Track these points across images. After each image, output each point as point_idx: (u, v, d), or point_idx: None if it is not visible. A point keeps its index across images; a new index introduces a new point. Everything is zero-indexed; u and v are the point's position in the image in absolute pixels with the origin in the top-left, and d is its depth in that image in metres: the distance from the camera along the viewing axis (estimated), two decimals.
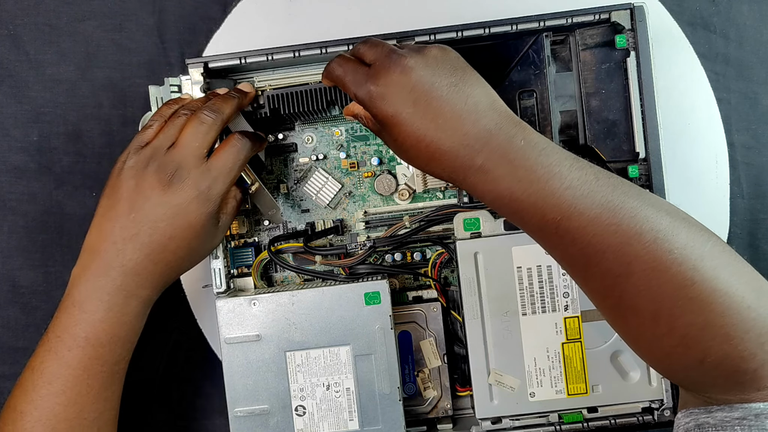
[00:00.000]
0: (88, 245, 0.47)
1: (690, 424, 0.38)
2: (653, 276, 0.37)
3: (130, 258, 0.45)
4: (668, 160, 0.51)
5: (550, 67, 0.51)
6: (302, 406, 0.51)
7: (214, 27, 0.60)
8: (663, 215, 0.38)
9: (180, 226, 0.46)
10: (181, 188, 0.45)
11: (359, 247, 0.54)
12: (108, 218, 0.46)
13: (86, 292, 0.46)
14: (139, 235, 0.45)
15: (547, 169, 0.39)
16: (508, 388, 0.51)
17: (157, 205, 0.45)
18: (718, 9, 0.59)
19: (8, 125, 0.60)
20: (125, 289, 0.46)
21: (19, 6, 0.60)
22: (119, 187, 0.46)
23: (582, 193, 0.39)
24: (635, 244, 0.37)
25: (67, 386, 0.45)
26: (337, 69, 0.45)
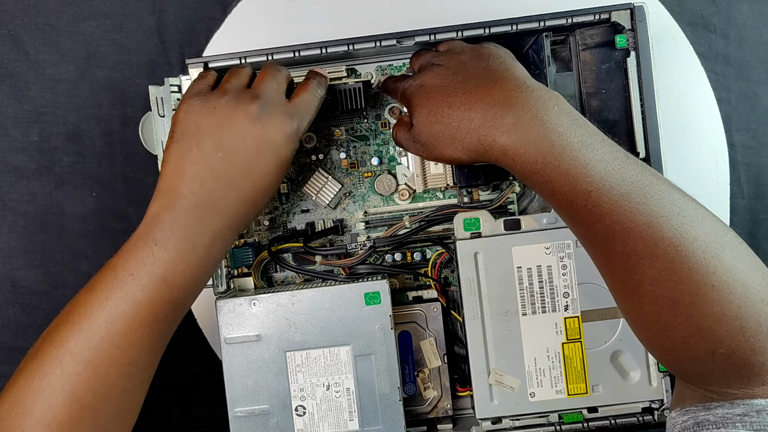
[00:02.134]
0: (168, 188, 0.44)
1: (688, 422, 0.37)
2: (677, 261, 0.37)
3: (219, 197, 0.43)
4: (668, 160, 0.51)
5: (550, 67, 0.51)
6: (302, 406, 0.51)
7: (214, 27, 0.60)
8: (688, 202, 0.39)
9: (272, 162, 0.45)
10: (271, 122, 0.45)
11: (359, 247, 0.54)
12: (190, 160, 0.44)
13: (170, 231, 0.43)
14: (231, 174, 0.44)
15: (580, 139, 0.40)
16: (508, 388, 0.51)
17: (248, 141, 0.44)
18: (718, 9, 0.59)
19: (8, 125, 0.60)
20: (212, 228, 0.44)
21: (19, 6, 0.60)
22: (198, 125, 0.44)
23: (614, 168, 0.39)
24: (663, 225, 0.37)
25: (131, 328, 0.42)
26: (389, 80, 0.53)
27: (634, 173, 0.39)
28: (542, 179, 0.41)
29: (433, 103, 0.45)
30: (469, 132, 0.43)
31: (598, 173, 0.39)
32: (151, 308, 0.42)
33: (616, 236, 0.39)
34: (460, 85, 0.44)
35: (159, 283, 0.42)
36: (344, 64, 0.55)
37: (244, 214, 0.45)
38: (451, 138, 0.44)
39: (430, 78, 0.46)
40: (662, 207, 0.38)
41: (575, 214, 0.41)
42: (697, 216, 0.38)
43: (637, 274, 0.39)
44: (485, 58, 0.46)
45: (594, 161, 0.39)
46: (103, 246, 0.59)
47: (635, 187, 0.38)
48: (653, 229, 0.37)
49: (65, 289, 0.60)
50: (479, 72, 0.45)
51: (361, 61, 0.56)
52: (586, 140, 0.40)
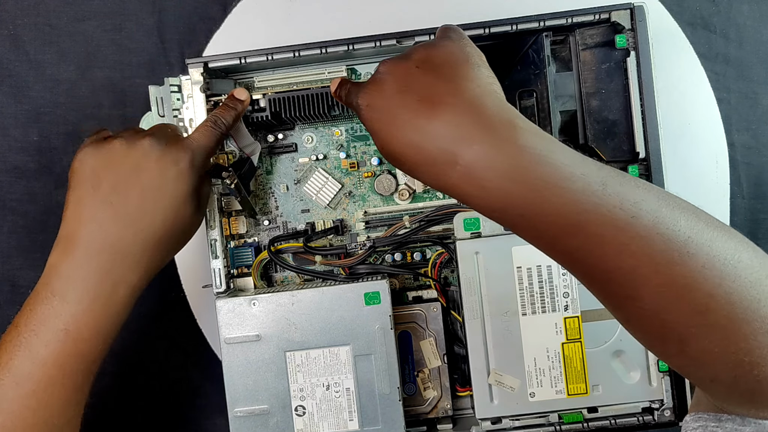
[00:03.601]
0: (66, 234, 0.44)
1: (698, 431, 0.36)
2: (663, 302, 0.32)
3: (118, 237, 0.42)
4: (668, 160, 0.51)
5: (550, 67, 0.51)
6: (302, 406, 0.51)
7: (214, 27, 0.60)
8: (680, 229, 0.32)
9: (172, 197, 0.45)
10: (165, 155, 0.45)
11: (359, 247, 0.54)
12: (87, 204, 0.43)
13: (69, 280, 0.42)
14: (129, 214, 0.43)
15: (543, 182, 0.33)
16: (508, 388, 0.51)
17: (143, 177, 0.44)
18: (718, 9, 0.59)
19: (8, 125, 0.60)
20: (114, 273, 0.43)
21: (19, 6, 0.60)
22: (93, 169, 0.44)
23: (585, 208, 0.33)
24: (645, 266, 0.32)
25: (39, 387, 0.41)
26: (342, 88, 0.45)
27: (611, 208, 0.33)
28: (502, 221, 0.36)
29: (379, 133, 0.39)
30: (422, 170, 0.37)
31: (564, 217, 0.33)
32: (58, 365, 0.41)
33: (594, 279, 0.35)
34: (403, 109, 0.37)
35: (63, 338, 0.41)
36: (344, 64, 0.55)
37: (150, 256, 0.44)
38: (410, 171, 0.38)
39: (372, 96, 0.39)
40: (645, 244, 0.32)
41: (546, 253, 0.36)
42: (688, 246, 0.32)
43: (623, 311, 0.35)
44: (434, 68, 0.38)
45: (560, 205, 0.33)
46: None
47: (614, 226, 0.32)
48: (636, 270, 0.33)
49: None
50: (425, 89, 0.37)
51: (361, 61, 0.56)
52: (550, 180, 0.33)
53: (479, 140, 0.34)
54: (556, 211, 0.33)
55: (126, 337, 0.60)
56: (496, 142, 0.34)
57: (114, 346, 0.59)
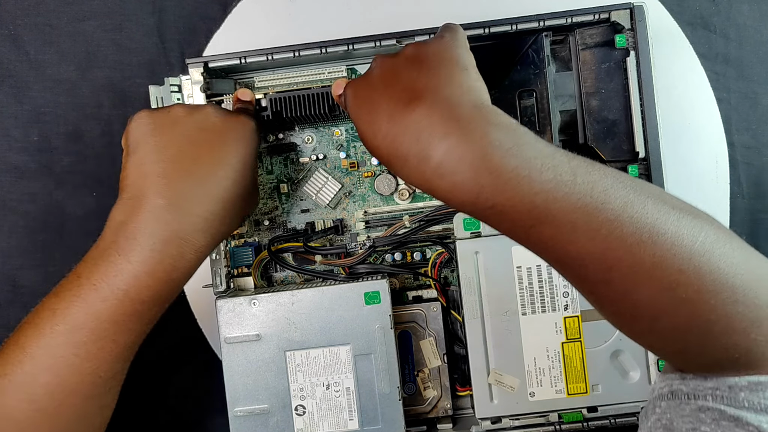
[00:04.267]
0: (132, 194, 0.42)
1: (664, 390, 0.37)
2: (634, 282, 0.33)
3: (187, 197, 0.42)
4: (668, 160, 0.51)
5: (550, 67, 0.51)
6: (302, 406, 0.51)
7: (214, 27, 0.60)
8: (648, 212, 0.34)
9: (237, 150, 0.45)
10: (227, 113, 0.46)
11: (359, 246, 0.54)
12: (152, 163, 0.42)
13: (135, 238, 0.41)
14: (196, 169, 0.42)
15: (512, 174, 0.34)
16: (508, 388, 0.51)
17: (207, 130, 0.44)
18: (718, 9, 0.59)
19: (8, 125, 0.60)
20: (181, 235, 0.41)
21: (19, 6, 0.60)
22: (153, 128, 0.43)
23: (555, 197, 0.33)
24: (615, 250, 0.33)
25: (90, 339, 0.40)
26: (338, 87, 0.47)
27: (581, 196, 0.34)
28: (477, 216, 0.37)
29: (358, 122, 0.40)
30: (397, 164, 0.37)
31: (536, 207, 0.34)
32: (113, 321, 0.41)
33: (566, 266, 0.36)
34: (384, 101, 0.38)
35: (122, 297, 0.40)
36: (344, 64, 0.55)
37: (218, 218, 0.43)
38: (387, 164, 0.39)
39: (359, 87, 0.41)
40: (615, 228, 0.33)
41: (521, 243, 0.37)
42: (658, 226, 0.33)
43: (595, 294, 0.36)
44: (419, 64, 0.39)
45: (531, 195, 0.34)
46: None
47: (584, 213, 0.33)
48: (606, 253, 0.33)
49: None
50: (407, 83, 0.38)
51: (361, 61, 0.56)
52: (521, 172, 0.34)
53: (450, 135, 0.35)
54: (525, 201, 0.34)
55: None
56: (467, 137, 0.35)
57: None
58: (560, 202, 0.34)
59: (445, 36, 0.41)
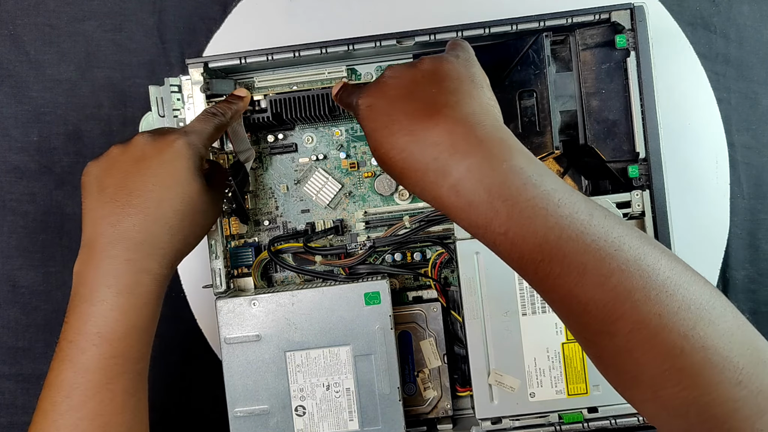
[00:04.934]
0: (85, 241, 0.44)
1: None
2: (637, 339, 0.32)
3: (130, 229, 0.43)
4: (668, 160, 0.51)
5: (550, 67, 0.51)
6: (302, 407, 0.51)
7: (214, 27, 0.60)
8: (660, 268, 0.33)
9: (175, 177, 0.44)
10: (163, 139, 0.45)
11: (359, 247, 0.54)
12: (96, 208, 0.44)
13: (92, 282, 0.42)
14: (138, 202, 0.43)
15: (529, 203, 0.33)
16: (508, 389, 0.51)
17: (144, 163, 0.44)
18: (718, 9, 0.59)
19: (8, 125, 0.60)
20: (133, 264, 0.42)
21: (19, 6, 0.60)
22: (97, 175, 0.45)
23: (569, 235, 0.33)
24: (622, 302, 0.32)
25: (87, 396, 0.41)
26: (343, 90, 0.46)
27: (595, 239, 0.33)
28: (487, 242, 0.36)
29: (374, 134, 0.39)
30: (411, 178, 0.37)
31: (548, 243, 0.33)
32: (100, 369, 0.41)
33: (571, 308, 0.34)
34: (402, 115, 0.37)
35: (98, 341, 0.41)
36: (344, 64, 0.55)
37: (167, 240, 0.44)
38: (398, 177, 0.39)
39: (374, 97, 0.40)
40: (625, 279, 0.32)
41: (525, 278, 0.36)
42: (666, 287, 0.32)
43: (596, 346, 0.35)
44: (439, 80, 0.39)
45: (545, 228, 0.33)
46: None
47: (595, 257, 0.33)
48: (613, 305, 0.32)
49: (65, 289, 0.60)
50: (427, 98, 0.38)
51: (361, 61, 0.56)
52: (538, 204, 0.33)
53: (472, 155, 0.34)
54: (539, 234, 0.33)
55: None
56: (488, 160, 0.34)
57: None
58: (573, 241, 0.33)
59: (460, 54, 0.42)
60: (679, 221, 0.51)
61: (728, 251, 0.59)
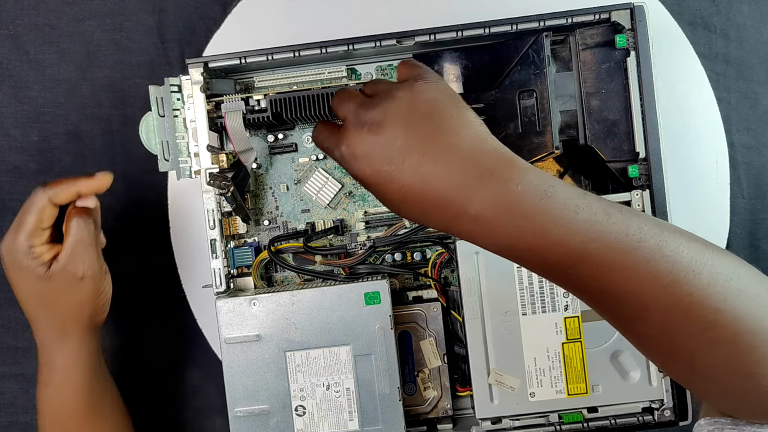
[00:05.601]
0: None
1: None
2: (671, 320, 0.34)
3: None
4: (668, 160, 0.51)
5: (550, 67, 0.51)
6: (302, 406, 0.51)
7: (214, 27, 0.60)
8: (683, 251, 0.34)
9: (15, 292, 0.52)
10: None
11: (359, 247, 0.54)
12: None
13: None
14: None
15: (549, 216, 0.35)
16: (508, 388, 0.51)
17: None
18: (718, 9, 0.59)
19: (8, 125, 0.60)
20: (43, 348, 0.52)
21: (19, 6, 0.60)
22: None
23: (591, 237, 0.34)
24: (652, 287, 0.34)
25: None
26: (319, 134, 0.42)
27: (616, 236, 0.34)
28: (516, 258, 0.37)
29: (388, 193, 0.38)
30: (434, 219, 0.38)
31: (573, 248, 0.34)
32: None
33: (604, 303, 0.36)
34: (402, 155, 0.37)
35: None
36: (344, 64, 0.55)
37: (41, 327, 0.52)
38: (419, 218, 0.39)
39: (360, 146, 0.38)
40: (651, 267, 0.34)
41: (556, 282, 0.38)
42: (692, 267, 0.34)
43: (632, 332, 0.37)
44: (428, 115, 0.38)
45: (568, 236, 0.34)
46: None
47: (619, 251, 0.34)
48: (642, 291, 0.34)
49: None
50: (424, 134, 0.37)
51: (361, 61, 0.56)
52: (556, 216, 0.35)
53: (485, 186, 0.35)
54: (563, 242, 0.34)
55: (126, 337, 0.60)
56: (501, 185, 0.35)
57: (114, 346, 0.59)
58: (597, 242, 0.34)
59: (430, 78, 0.40)
60: (679, 221, 0.51)
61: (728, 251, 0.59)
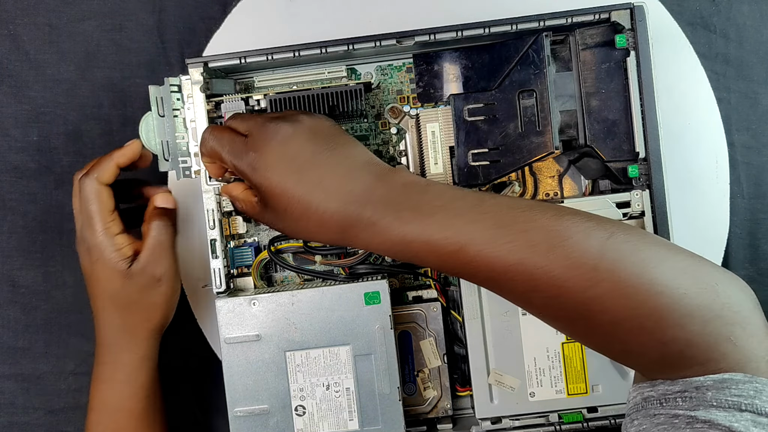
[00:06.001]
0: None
1: (637, 399, 0.38)
2: (555, 284, 0.37)
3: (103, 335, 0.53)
4: (668, 160, 0.51)
5: (550, 67, 0.51)
6: (302, 406, 0.51)
7: (214, 27, 0.60)
8: (554, 222, 0.38)
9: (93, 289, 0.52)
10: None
11: None
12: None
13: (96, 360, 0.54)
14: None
15: (430, 205, 0.40)
16: (508, 388, 0.51)
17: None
18: (718, 9, 0.59)
19: (8, 125, 0.60)
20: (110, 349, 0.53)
21: (19, 6, 0.60)
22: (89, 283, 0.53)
23: (471, 219, 0.39)
24: (533, 257, 0.37)
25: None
26: (211, 140, 0.45)
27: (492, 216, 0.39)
28: (410, 254, 0.41)
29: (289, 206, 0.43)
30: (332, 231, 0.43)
31: (456, 231, 0.39)
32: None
33: (497, 281, 0.39)
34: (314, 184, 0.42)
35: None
36: (344, 64, 0.55)
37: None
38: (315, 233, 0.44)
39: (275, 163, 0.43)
40: (528, 238, 0.37)
41: (454, 272, 0.42)
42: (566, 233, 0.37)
43: (532, 306, 0.40)
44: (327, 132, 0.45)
45: (449, 220, 0.39)
46: None
47: (497, 229, 0.38)
48: (525, 262, 0.37)
49: (65, 289, 0.60)
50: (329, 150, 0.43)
51: (361, 61, 0.56)
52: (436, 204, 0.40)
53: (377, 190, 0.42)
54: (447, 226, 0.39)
55: None
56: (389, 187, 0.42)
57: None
58: (475, 223, 0.39)
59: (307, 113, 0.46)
60: (679, 221, 0.51)
61: (728, 251, 0.59)
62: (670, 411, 0.35)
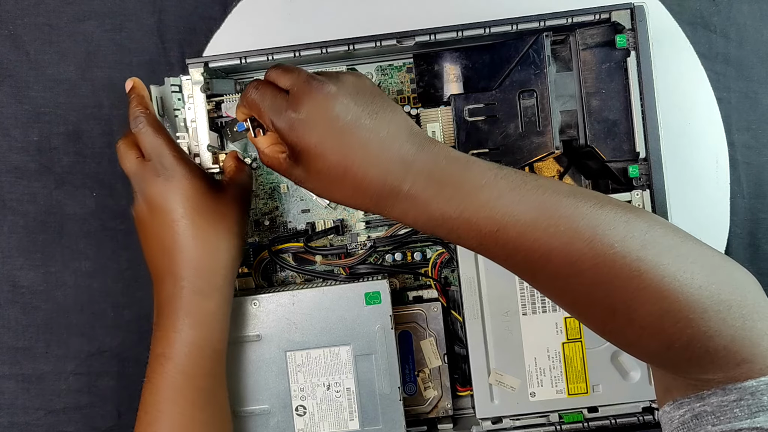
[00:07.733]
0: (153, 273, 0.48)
1: (686, 416, 0.37)
2: (600, 272, 0.37)
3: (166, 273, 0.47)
4: (668, 160, 0.51)
5: (551, 67, 0.51)
6: (303, 406, 0.51)
7: (214, 27, 0.60)
8: (598, 209, 0.37)
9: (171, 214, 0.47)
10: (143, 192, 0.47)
11: (359, 246, 0.54)
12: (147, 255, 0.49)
13: (156, 311, 0.47)
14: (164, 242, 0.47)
15: (473, 183, 0.39)
16: (509, 388, 0.51)
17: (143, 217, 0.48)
18: (718, 9, 0.59)
19: (8, 125, 0.60)
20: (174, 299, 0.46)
21: (19, 6, 0.60)
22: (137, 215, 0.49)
23: (514, 200, 0.38)
24: (576, 242, 0.37)
25: (162, 412, 0.45)
26: (254, 93, 0.43)
27: (536, 197, 0.38)
28: (447, 231, 0.40)
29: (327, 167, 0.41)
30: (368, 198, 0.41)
31: (499, 211, 0.38)
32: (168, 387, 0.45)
33: (536, 263, 0.38)
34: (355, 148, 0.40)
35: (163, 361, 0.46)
36: (344, 64, 0.55)
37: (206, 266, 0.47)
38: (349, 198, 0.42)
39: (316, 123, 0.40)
40: (571, 223, 0.37)
41: (490, 253, 0.40)
42: (609, 222, 0.37)
43: (568, 291, 0.39)
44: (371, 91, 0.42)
45: (492, 200, 0.38)
46: (103, 246, 0.59)
47: (541, 211, 0.38)
48: (569, 247, 0.37)
49: (65, 289, 0.60)
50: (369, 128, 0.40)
51: (361, 61, 0.56)
52: (479, 182, 0.39)
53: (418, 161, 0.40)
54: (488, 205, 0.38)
55: (126, 337, 0.60)
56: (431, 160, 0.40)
57: (114, 346, 0.59)
58: (519, 204, 0.38)
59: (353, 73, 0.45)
60: (679, 221, 0.51)
61: (728, 251, 0.59)
62: (728, 426, 0.34)
